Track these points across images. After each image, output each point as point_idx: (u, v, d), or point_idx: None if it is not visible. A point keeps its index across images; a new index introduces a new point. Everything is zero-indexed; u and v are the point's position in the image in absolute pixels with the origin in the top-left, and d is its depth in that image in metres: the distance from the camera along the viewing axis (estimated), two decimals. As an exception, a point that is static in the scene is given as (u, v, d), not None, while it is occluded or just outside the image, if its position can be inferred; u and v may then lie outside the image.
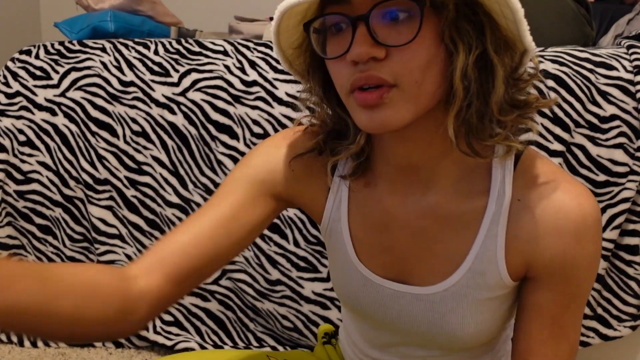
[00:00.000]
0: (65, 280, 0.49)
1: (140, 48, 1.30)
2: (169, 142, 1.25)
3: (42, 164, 1.29)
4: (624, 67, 1.12)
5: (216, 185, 1.25)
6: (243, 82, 1.23)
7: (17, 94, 1.30)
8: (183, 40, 1.31)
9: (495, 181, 0.58)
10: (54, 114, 1.28)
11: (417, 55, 0.49)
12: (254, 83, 1.23)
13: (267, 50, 1.26)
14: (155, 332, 1.29)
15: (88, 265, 0.54)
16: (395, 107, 0.51)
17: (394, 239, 0.62)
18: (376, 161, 0.62)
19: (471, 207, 0.59)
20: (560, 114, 1.11)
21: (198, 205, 1.25)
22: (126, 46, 1.31)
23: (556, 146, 1.10)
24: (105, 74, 1.28)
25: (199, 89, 1.24)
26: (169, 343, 1.28)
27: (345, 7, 0.50)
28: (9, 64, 1.33)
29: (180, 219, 1.26)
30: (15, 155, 1.29)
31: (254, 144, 1.22)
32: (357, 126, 0.55)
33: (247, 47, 1.27)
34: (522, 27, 0.51)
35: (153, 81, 1.26)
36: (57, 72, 1.30)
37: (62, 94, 1.28)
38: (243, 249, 0.64)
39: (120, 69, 1.28)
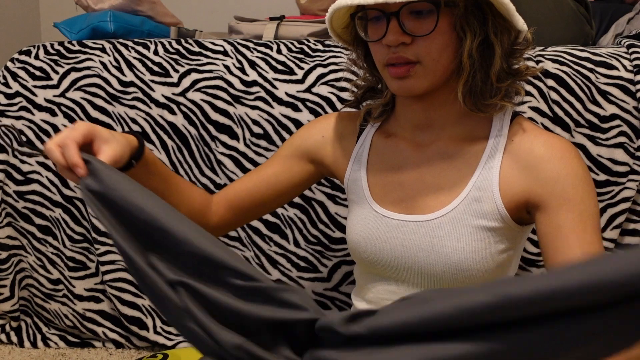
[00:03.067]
0: (181, 192, 0.79)
1: (140, 48, 1.30)
2: (169, 142, 1.25)
3: (42, 164, 1.29)
4: (624, 67, 1.12)
5: (216, 185, 1.24)
6: (243, 82, 1.23)
7: (17, 94, 1.30)
8: (183, 41, 1.31)
9: (494, 129, 0.75)
10: (53, 114, 1.28)
11: (435, 41, 0.68)
12: (254, 83, 1.22)
13: (267, 50, 1.26)
14: (156, 332, 1.29)
15: (193, 187, 0.83)
16: (418, 78, 0.70)
17: (405, 177, 0.77)
18: (398, 119, 0.81)
19: (473, 148, 0.74)
20: (561, 113, 1.11)
21: (198, 205, 1.25)
22: (126, 46, 1.31)
23: (556, 146, 1.10)
24: (105, 74, 1.27)
25: (198, 89, 1.24)
26: (169, 343, 1.28)
27: (382, 4, 0.67)
28: (9, 64, 1.33)
29: (180, 219, 1.26)
30: (15, 156, 1.29)
31: (254, 144, 1.22)
32: (387, 87, 0.75)
33: (247, 47, 1.27)
34: (514, 18, 0.69)
35: (153, 81, 1.26)
36: (56, 72, 1.30)
37: (62, 95, 1.28)
38: (292, 198, 0.90)
39: (120, 69, 1.28)
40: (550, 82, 1.11)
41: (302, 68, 1.22)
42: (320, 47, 1.27)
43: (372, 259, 0.78)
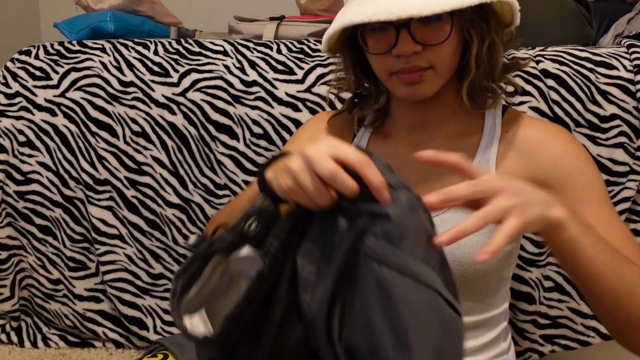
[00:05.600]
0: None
1: (140, 48, 1.30)
2: (169, 143, 1.25)
3: (42, 164, 1.29)
4: (624, 67, 1.12)
5: (216, 185, 1.24)
6: (243, 82, 1.23)
7: (17, 94, 1.30)
8: (183, 41, 1.31)
9: (487, 123, 0.76)
10: (53, 114, 1.28)
11: (446, 47, 0.69)
12: (254, 83, 1.22)
13: (267, 50, 1.26)
14: (156, 332, 1.29)
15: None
16: (430, 83, 0.70)
17: (405, 177, 0.78)
18: (394, 121, 0.81)
19: (468, 143, 0.75)
20: (561, 113, 1.11)
21: (198, 205, 1.25)
22: (126, 46, 1.31)
23: (556, 146, 1.10)
24: (105, 74, 1.27)
25: (198, 89, 1.24)
26: (169, 343, 1.28)
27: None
28: (9, 64, 1.33)
29: (180, 219, 1.26)
30: (15, 156, 1.29)
31: (254, 144, 1.22)
32: (381, 91, 0.78)
33: (247, 47, 1.27)
34: (516, 16, 0.71)
35: (153, 81, 1.26)
36: (56, 72, 1.30)
37: (62, 95, 1.28)
38: None
39: (120, 69, 1.28)
40: (550, 82, 1.11)
41: (302, 68, 1.22)
42: (320, 47, 1.27)
43: None
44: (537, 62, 1.14)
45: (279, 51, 1.26)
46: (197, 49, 1.28)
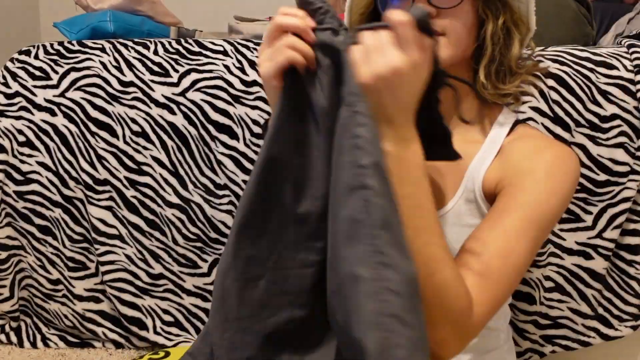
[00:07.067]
0: None
1: (139, 48, 1.30)
2: (169, 142, 1.25)
3: (42, 164, 1.29)
4: (625, 67, 1.12)
5: (216, 185, 1.24)
6: (243, 82, 1.23)
7: (17, 94, 1.30)
8: (183, 40, 1.31)
9: (494, 130, 0.76)
10: (53, 114, 1.28)
11: (459, 16, 0.71)
12: (254, 83, 1.22)
13: (267, 50, 1.26)
14: (156, 332, 1.29)
15: None
16: (441, 49, 0.69)
17: None
18: None
19: (469, 149, 0.75)
20: (561, 113, 1.11)
21: (198, 205, 1.25)
22: (126, 46, 1.31)
23: (557, 146, 1.10)
24: (105, 74, 1.27)
25: (198, 89, 1.24)
26: (169, 343, 1.28)
27: None
28: (8, 64, 1.33)
29: (180, 219, 1.26)
30: (14, 156, 1.29)
31: (254, 144, 1.22)
32: None
33: (247, 47, 1.27)
34: (531, 15, 0.75)
35: (153, 81, 1.26)
36: (56, 72, 1.30)
37: (62, 94, 1.28)
38: None
39: (119, 69, 1.28)
40: (551, 82, 1.11)
41: (302, 68, 1.22)
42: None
43: None
44: (538, 62, 1.14)
45: (279, 51, 1.26)
46: (197, 49, 1.28)
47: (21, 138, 1.29)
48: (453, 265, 0.58)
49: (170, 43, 1.31)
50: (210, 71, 1.24)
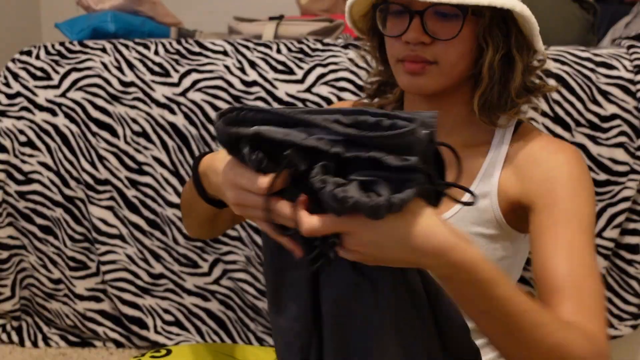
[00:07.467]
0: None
1: (140, 48, 1.30)
2: (170, 143, 1.25)
3: (43, 164, 1.29)
4: (625, 67, 1.12)
5: (217, 185, 1.25)
6: (243, 82, 1.23)
7: (18, 94, 1.30)
8: (183, 41, 1.32)
9: (497, 136, 0.74)
10: (54, 114, 1.28)
11: (455, 47, 0.68)
12: (254, 83, 1.23)
13: (267, 50, 1.27)
14: (156, 332, 1.29)
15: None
16: (431, 78, 0.69)
17: None
18: None
19: (475, 156, 0.74)
20: (561, 113, 1.11)
21: (198, 205, 1.25)
22: (126, 47, 1.31)
23: (556, 145, 1.10)
24: (106, 74, 1.28)
25: (199, 89, 1.24)
26: (169, 343, 1.28)
27: (409, 1, 0.67)
28: (10, 64, 1.33)
29: (180, 219, 1.26)
30: (16, 156, 1.30)
31: (255, 144, 1.22)
32: (396, 82, 0.74)
33: (247, 47, 1.27)
34: (536, 38, 0.70)
35: (153, 81, 1.26)
36: (57, 72, 1.30)
37: (63, 95, 1.28)
38: None
39: (120, 69, 1.28)
40: (551, 82, 1.11)
41: (301, 68, 1.23)
42: (319, 46, 1.27)
43: None
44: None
45: (278, 51, 1.26)
46: (197, 49, 1.29)
47: (22, 138, 1.29)
48: (556, 323, 0.55)
49: (170, 43, 1.31)
50: (211, 71, 1.25)
